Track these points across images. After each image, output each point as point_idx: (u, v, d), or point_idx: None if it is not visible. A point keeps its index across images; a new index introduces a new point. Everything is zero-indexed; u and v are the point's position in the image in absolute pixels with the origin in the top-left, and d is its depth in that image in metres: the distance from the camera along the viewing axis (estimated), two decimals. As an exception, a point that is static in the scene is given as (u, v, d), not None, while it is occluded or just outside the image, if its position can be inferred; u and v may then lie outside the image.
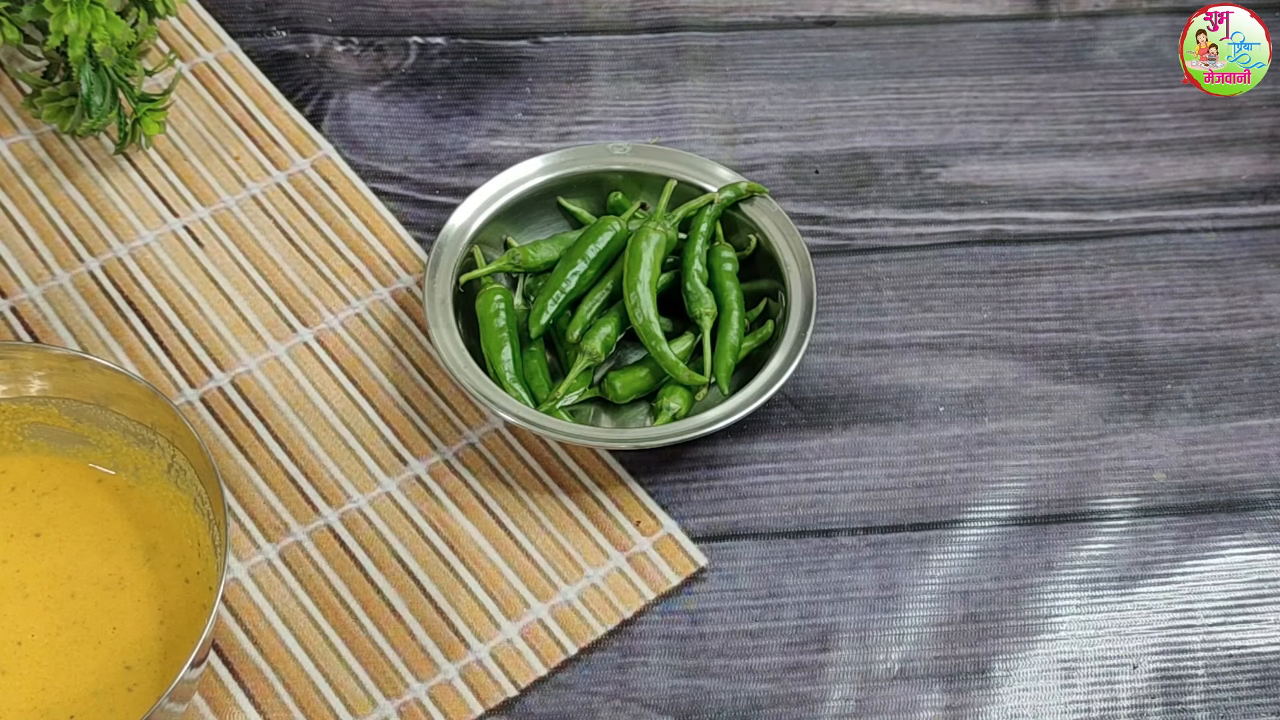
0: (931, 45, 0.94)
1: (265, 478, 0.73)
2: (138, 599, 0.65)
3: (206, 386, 0.76)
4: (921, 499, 0.74)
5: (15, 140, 0.86)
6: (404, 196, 0.84)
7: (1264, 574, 0.73)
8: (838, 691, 0.68)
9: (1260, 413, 0.78)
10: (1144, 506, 0.75)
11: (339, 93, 0.89)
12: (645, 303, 0.75)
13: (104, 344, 0.77)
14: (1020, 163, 0.88)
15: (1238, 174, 0.89)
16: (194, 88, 0.89)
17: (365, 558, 0.71)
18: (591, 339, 0.75)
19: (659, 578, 0.71)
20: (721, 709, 0.68)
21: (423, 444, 0.75)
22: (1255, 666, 0.70)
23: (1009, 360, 0.79)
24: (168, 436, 0.66)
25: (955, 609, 0.71)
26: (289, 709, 0.67)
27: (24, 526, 0.67)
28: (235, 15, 0.92)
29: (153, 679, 0.64)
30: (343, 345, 0.78)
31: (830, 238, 0.84)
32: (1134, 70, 0.94)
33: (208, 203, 0.84)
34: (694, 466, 0.75)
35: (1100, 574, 0.72)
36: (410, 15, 0.94)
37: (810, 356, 0.79)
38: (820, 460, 0.75)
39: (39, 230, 0.82)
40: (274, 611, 0.69)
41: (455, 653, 0.69)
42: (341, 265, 0.81)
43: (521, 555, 0.72)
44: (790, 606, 0.71)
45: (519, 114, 0.89)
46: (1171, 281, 0.83)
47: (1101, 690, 0.69)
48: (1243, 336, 0.81)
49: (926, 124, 0.90)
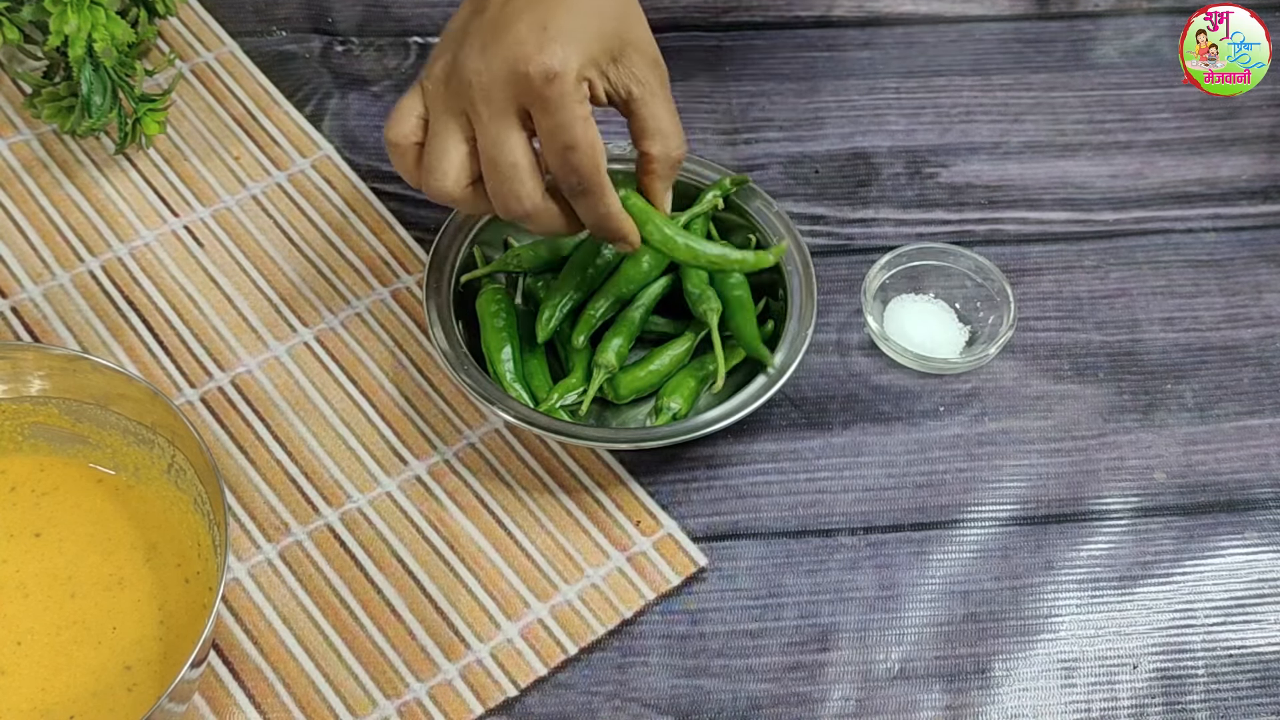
0: (931, 45, 0.94)
1: (265, 478, 0.73)
2: (138, 599, 0.65)
3: (206, 386, 0.76)
4: (921, 499, 0.74)
5: (15, 140, 0.86)
6: (404, 196, 0.84)
7: (1264, 574, 0.73)
8: (838, 691, 0.68)
9: (1260, 413, 0.78)
10: (1144, 506, 0.75)
11: (339, 93, 0.89)
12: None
13: (104, 344, 0.77)
14: (1020, 163, 0.88)
15: (1238, 174, 0.89)
16: (194, 88, 0.89)
17: (365, 558, 0.71)
18: (605, 352, 0.75)
19: (659, 578, 0.71)
20: (721, 709, 0.68)
21: (423, 444, 0.75)
22: (1255, 666, 0.70)
23: (1009, 360, 0.79)
24: (168, 436, 0.66)
25: (955, 609, 0.71)
26: (289, 709, 0.67)
27: (24, 526, 0.67)
28: (235, 15, 0.92)
29: (153, 679, 0.64)
30: (343, 345, 0.78)
31: (830, 238, 0.84)
32: (1134, 70, 0.94)
33: (208, 203, 0.84)
34: (694, 466, 0.75)
35: (1100, 574, 0.72)
36: (410, 15, 0.94)
37: (810, 356, 0.79)
38: (820, 460, 0.75)
39: (39, 230, 0.82)
40: (274, 611, 0.69)
41: (455, 653, 0.69)
42: (341, 265, 0.81)
43: (521, 555, 0.72)
44: (790, 606, 0.71)
45: (519, 114, 0.89)
46: (1171, 281, 0.83)
47: (1101, 690, 0.69)
48: (1243, 336, 0.81)
49: (926, 124, 0.90)
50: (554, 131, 0.66)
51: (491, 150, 0.66)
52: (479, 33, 0.67)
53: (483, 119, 0.66)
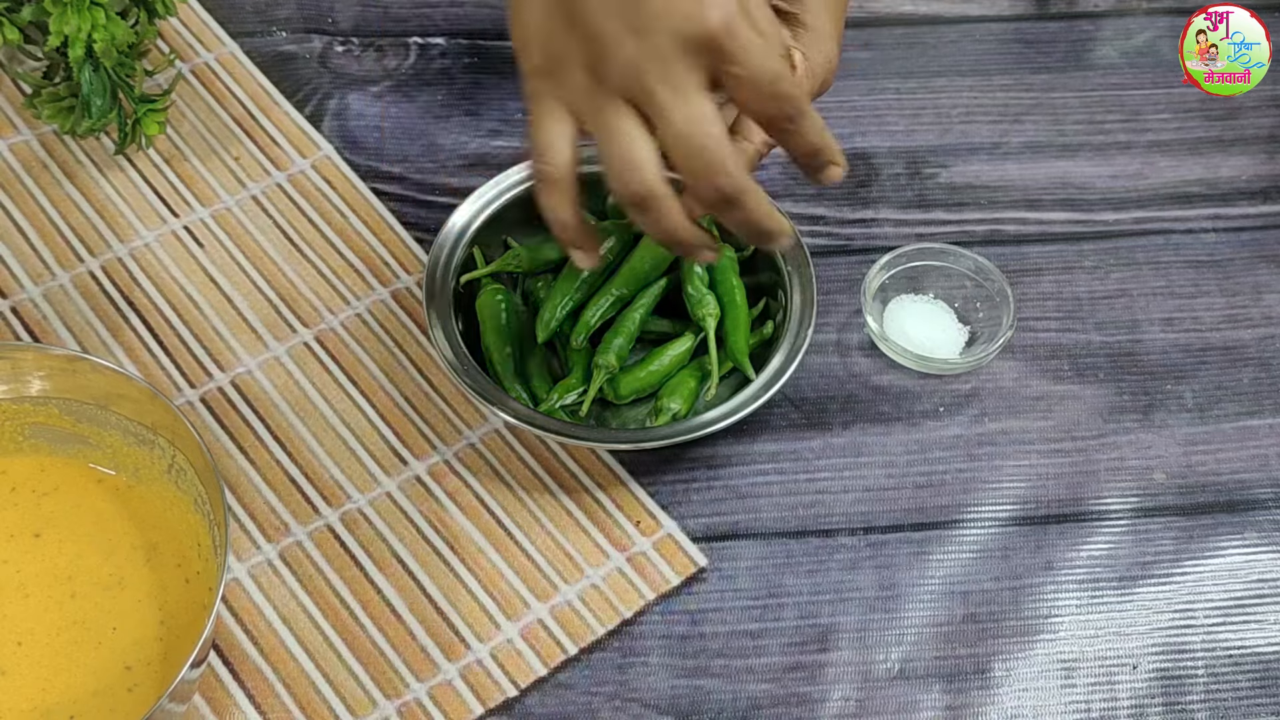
0: (931, 45, 0.94)
1: (265, 478, 0.73)
2: (138, 599, 0.65)
3: (206, 386, 0.76)
4: (921, 499, 0.74)
5: (15, 140, 0.86)
6: (404, 196, 0.84)
7: (1264, 574, 0.73)
8: (838, 691, 0.68)
9: (1260, 413, 0.78)
10: (1144, 506, 0.75)
11: (339, 93, 0.89)
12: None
13: (104, 344, 0.77)
14: (1020, 163, 0.88)
15: (1238, 174, 0.89)
16: (194, 88, 0.89)
17: (365, 558, 0.71)
18: (605, 352, 0.75)
19: (659, 578, 0.71)
20: (721, 709, 0.68)
21: (423, 444, 0.75)
22: (1255, 666, 0.70)
23: (1009, 360, 0.79)
24: (168, 437, 0.66)
25: (955, 609, 0.71)
26: (289, 709, 0.67)
27: (24, 527, 0.67)
28: (235, 15, 0.92)
29: (153, 679, 0.64)
30: (343, 345, 0.78)
31: (830, 238, 0.84)
32: (1134, 70, 0.94)
33: (208, 203, 0.84)
34: (694, 466, 0.75)
35: (1100, 574, 0.72)
36: (410, 15, 0.94)
37: (810, 356, 0.79)
38: (820, 460, 0.75)
39: (39, 230, 0.82)
40: (274, 611, 0.69)
41: (455, 653, 0.69)
42: (341, 265, 0.81)
43: (521, 555, 0.72)
44: (790, 606, 0.71)
45: (519, 114, 0.89)
46: (1171, 281, 0.83)
47: (1101, 690, 0.69)
48: (1243, 336, 0.81)
49: (926, 124, 0.90)
50: (756, 75, 0.59)
51: (689, 127, 0.59)
52: (606, 13, 0.59)
53: (664, 99, 0.59)
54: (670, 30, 0.59)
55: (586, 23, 0.60)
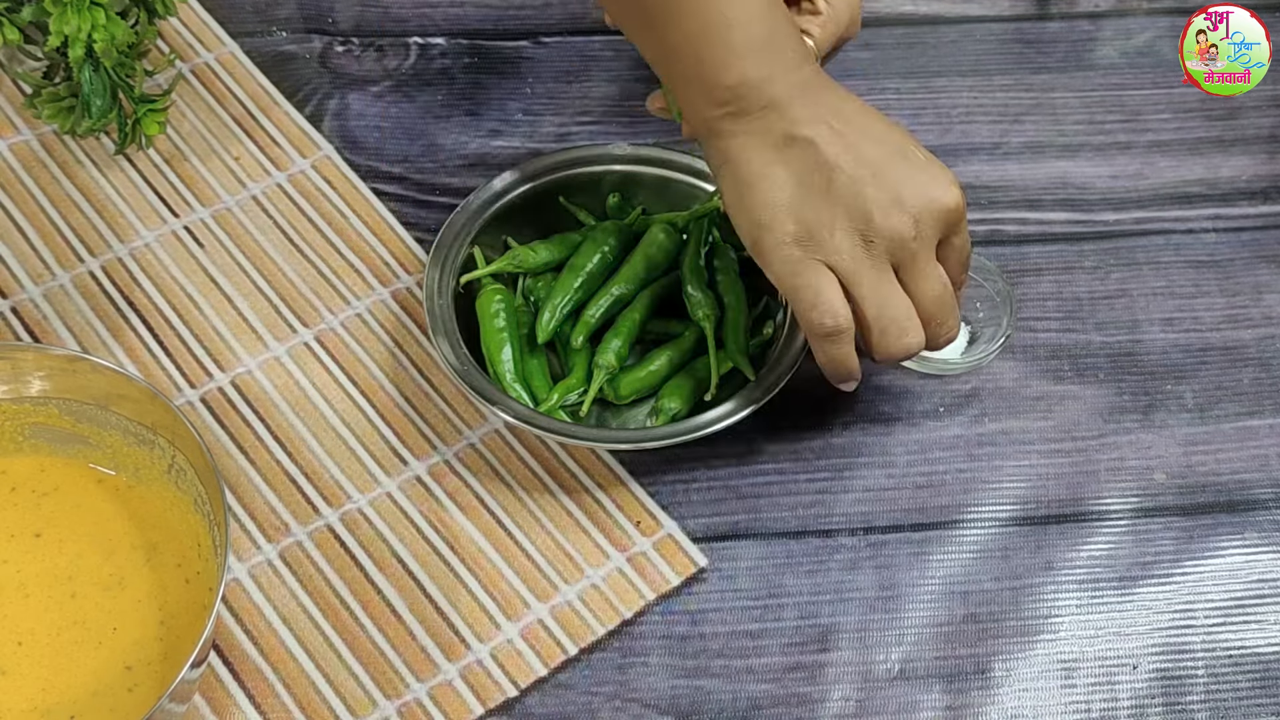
0: (931, 45, 0.94)
1: (265, 478, 0.73)
2: (138, 599, 0.65)
3: (206, 387, 0.76)
4: (921, 499, 0.74)
5: (15, 140, 0.86)
6: (404, 196, 0.84)
7: (1264, 574, 0.73)
8: (838, 691, 0.68)
9: (1260, 413, 0.78)
10: (1144, 507, 0.75)
11: (339, 93, 0.89)
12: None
13: (104, 344, 0.77)
14: (1020, 163, 0.88)
15: (1238, 174, 0.89)
16: (194, 88, 0.89)
17: (365, 558, 0.71)
18: (605, 352, 0.75)
19: (659, 578, 0.71)
20: (721, 709, 0.68)
21: (423, 444, 0.75)
22: (1255, 666, 0.70)
23: (1009, 360, 0.79)
24: (168, 437, 0.66)
25: (955, 609, 0.71)
26: (289, 709, 0.67)
27: (24, 527, 0.67)
28: (235, 15, 0.92)
29: (153, 679, 0.64)
30: (343, 345, 0.78)
31: (830, 238, 0.84)
32: (1134, 70, 0.94)
33: (208, 203, 0.84)
34: (694, 466, 0.75)
35: (1100, 574, 0.72)
36: (410, 15, 0.94)
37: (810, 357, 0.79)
38: (820, 460, 0.75)
39: (39, 230, 0.82)
40: (274, 611, 0.69)
41: (455, 653, 0.69)
42: (341, 265, 0.81)
43: (521, 555, 0.72)
44: (790, 607, 0.71)
45: (519, 114, 0.89)
46: (1171, 282, 0.83)
47: (1101, 690, 0.69)
48: (1243, 336, 0.81)
49: (926, 124, 0.90)
50: (964, 244, 0.71)
51: (936, 288, 0.69)
52: (874, 187, 0.67)
53: (920, 263, 0.68)
54: (928, 203, 0.68)
55: (850, 196, 0.67)
